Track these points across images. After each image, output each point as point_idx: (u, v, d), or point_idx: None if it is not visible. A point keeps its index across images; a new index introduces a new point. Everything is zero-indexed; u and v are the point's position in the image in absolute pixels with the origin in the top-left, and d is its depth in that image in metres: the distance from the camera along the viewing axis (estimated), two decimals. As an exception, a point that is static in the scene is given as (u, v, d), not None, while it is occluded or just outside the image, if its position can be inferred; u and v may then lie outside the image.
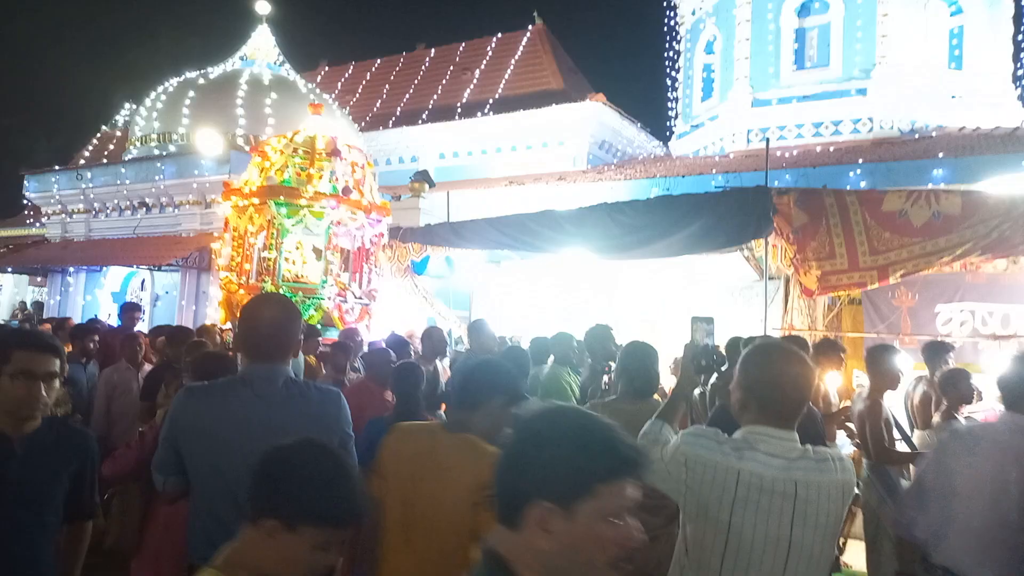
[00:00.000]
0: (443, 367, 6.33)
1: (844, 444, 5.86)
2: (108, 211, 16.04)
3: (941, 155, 10.41)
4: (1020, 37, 15.35)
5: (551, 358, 5.68)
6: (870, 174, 10.33)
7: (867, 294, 8.07)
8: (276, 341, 2.40)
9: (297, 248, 8.81)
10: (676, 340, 7.38)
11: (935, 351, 5.90)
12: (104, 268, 15.81)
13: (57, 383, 2.39)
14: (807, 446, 1.98)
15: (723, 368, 2.78)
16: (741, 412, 2.05)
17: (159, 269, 14.48)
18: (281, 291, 8.15)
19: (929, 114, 14.44)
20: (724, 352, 5.56)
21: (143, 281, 15.77)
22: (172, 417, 2.43)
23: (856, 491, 2.01)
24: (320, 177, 8.51)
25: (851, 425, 5.51)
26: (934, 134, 13.60)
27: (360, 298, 9.04)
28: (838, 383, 6.73)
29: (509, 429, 2.54)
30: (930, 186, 9.11)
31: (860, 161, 10.96)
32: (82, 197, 16.23)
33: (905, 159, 10.85)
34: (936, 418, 5.33)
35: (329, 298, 8.54)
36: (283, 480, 1.53)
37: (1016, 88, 15.20)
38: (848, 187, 9.34)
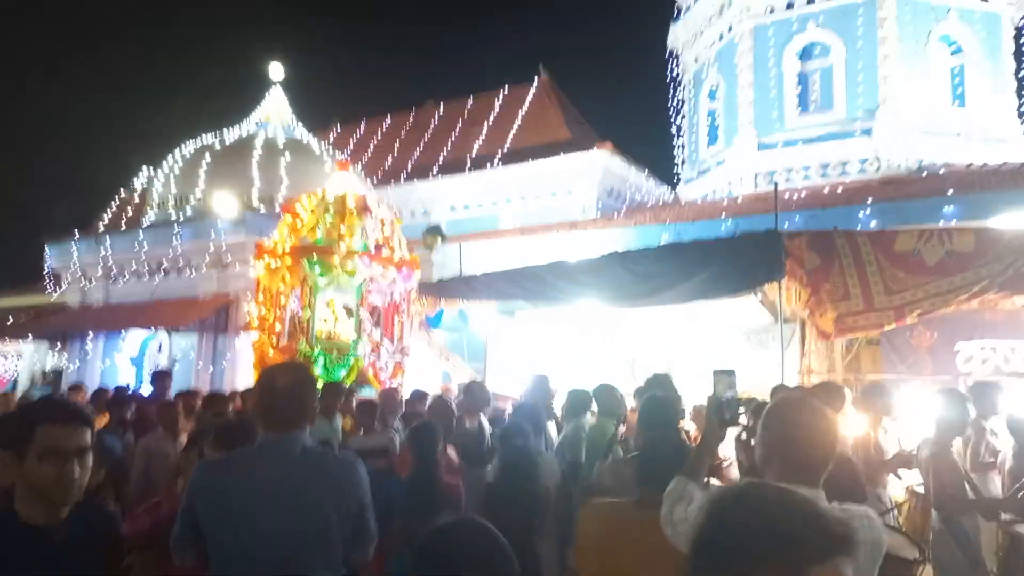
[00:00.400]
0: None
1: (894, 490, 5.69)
2: (126, 276, 16.28)
3: (950, 192, 10.41)
4: (1021, 73, 15.50)
5: (591, 409, 5.58)
6: (880, 214, 10.34)
7: (885, 335, 8.00)
8: (292, 409, 2.41)
9: (328, 306, 8.76)
10: (687, 386, 7.36)
11: (984, 393, 5.57)
12: (122, 332, 15.97)
13: (90, 458, 2.10)
14: (834, 503, 1.95)
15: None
16: (765, 469, 2.03)
17: (176, 331, 14.61)
18: (315, 351, 8.12)
19: (935, 152, 14.51)
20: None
21: (160, 344, 15.89)
22: (190, 491, 2.44)
23: (878, 547, 1.94)
24: (352, 235, 8.45)
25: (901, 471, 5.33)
26: (942, 171, 13.63)
27: (393, 354, 8.93)
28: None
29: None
30: (941, 224, 9.09)
31: (869, 201, 10.97)
32: (101, 263, 16.50)
33: (914, 198, 10.87)
34: (1009, 462, 5.09)
35: (364, 356, 8.45)
36: (445, 559, 1.52)
37: (1020, 123, 15.27)
38: (859, 227, 9.35)
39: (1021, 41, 15.75)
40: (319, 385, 2.73)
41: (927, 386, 7.80)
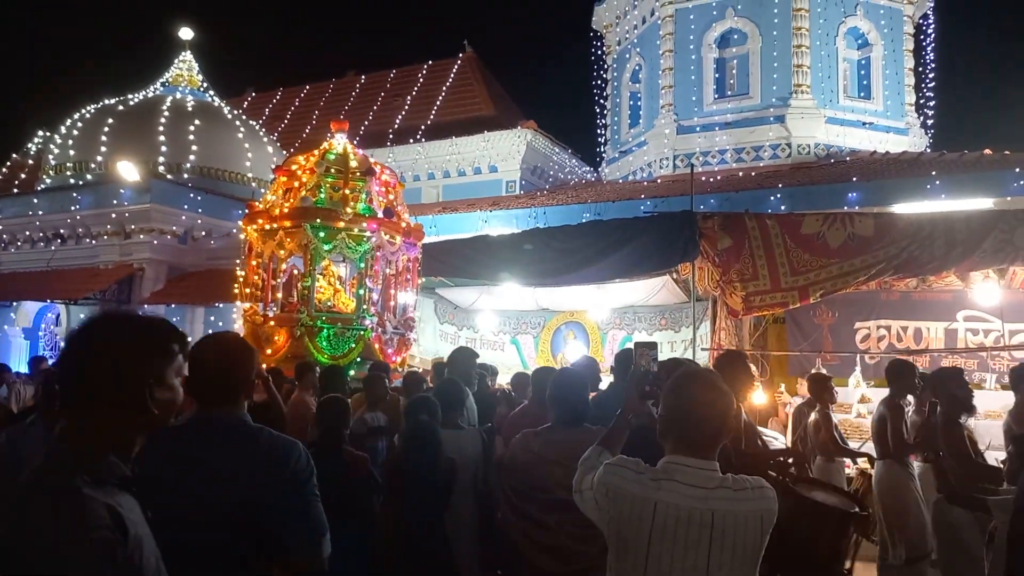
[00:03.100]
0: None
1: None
2: (19, 243, 15.25)
3: (855, 179, 10.92)
4: (920, 69, 16.36)
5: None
6: (790, 197, 10.74)
7: (790, 313, 8.35)
8: (220, 384, 2.27)
9: (324, 275, 8.17)
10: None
11: (902, 372, 5.45)
12: (14, 303, 14.98)
13: None
14: (728, 475, 2.00)
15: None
16: (663, 441, 2.07)
17: (75, 303, 13.81)
18: (317, 322, 7.56)
19: (843, 140, 15.19)
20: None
21: (58, 316, 15.02)
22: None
23: (769, 514, 1.99)
24: (357, 199, 7.78)
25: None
26: (848, 159, 14.28)
27: (397, 328, 8.34)
28: (762, 400, 6.85)
29: None
30: (845, 209, 9.52)
31: (780, 185, 11.39)
32: (-11, 228, 15.40)
33: (822, 183, 11.34)
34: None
35: (371, 328, 7.79)
36: None
37: (919, 116, 16.14)
38: (769, 210, 9.68)
39: (920, 38, 16.61)
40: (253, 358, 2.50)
41: (828, 363, 8.21)
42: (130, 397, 1.50)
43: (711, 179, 13.56)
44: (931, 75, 16.38)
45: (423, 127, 20.61)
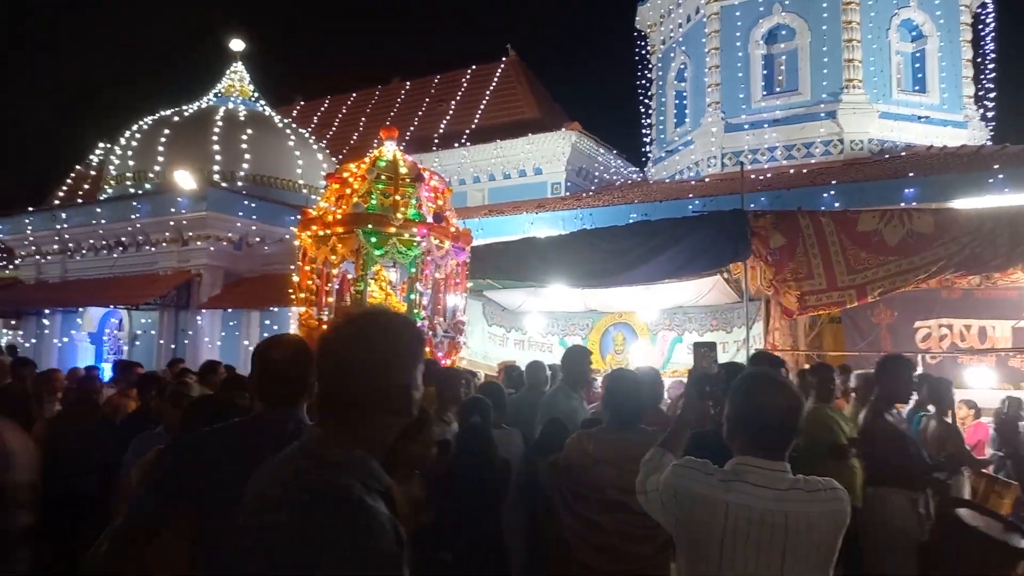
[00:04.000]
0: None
1: None
2: (83, 251, 15.85)
3: (911, 175, 10.61)
4: (979, 60, 15.81)
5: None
6: (843, 194, 10.49)
7: (847, 312, 8.16)
8: (286, 383, 2.33)
9: (375, 280, 8.32)
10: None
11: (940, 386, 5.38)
12: (81, 309, 15.57)
13: None
14: (799, 476, 1.98)
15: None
16: (731, 442, 2.05)
17: (136, 308, 14.29)
18: None
19: (897, 135, 14.78)
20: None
21: (120, 321, 15.55)
22: (175, 462, 2.29)
23: (840, 516, 1.96)
24: (407, 204, 7.91)
25: None
26: (903, 154, 13.88)
27: (447, 331, 8.38)
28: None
29: None
30: (902, 205, 9.26)
31: (833, 182, 11.13)
32: (56, 238, 16.04)
33: (876, 179, 11.05)
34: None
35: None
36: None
37: (978, 108, 15.59)
38: (822, 208, 9.47)
39: (979, 27, 16.06)
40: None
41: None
42: (398, 400, 1.45)
43: (761, 177, 13.33)
44: (991, 66, 15.84)
45: (468, 131, 20.74)
